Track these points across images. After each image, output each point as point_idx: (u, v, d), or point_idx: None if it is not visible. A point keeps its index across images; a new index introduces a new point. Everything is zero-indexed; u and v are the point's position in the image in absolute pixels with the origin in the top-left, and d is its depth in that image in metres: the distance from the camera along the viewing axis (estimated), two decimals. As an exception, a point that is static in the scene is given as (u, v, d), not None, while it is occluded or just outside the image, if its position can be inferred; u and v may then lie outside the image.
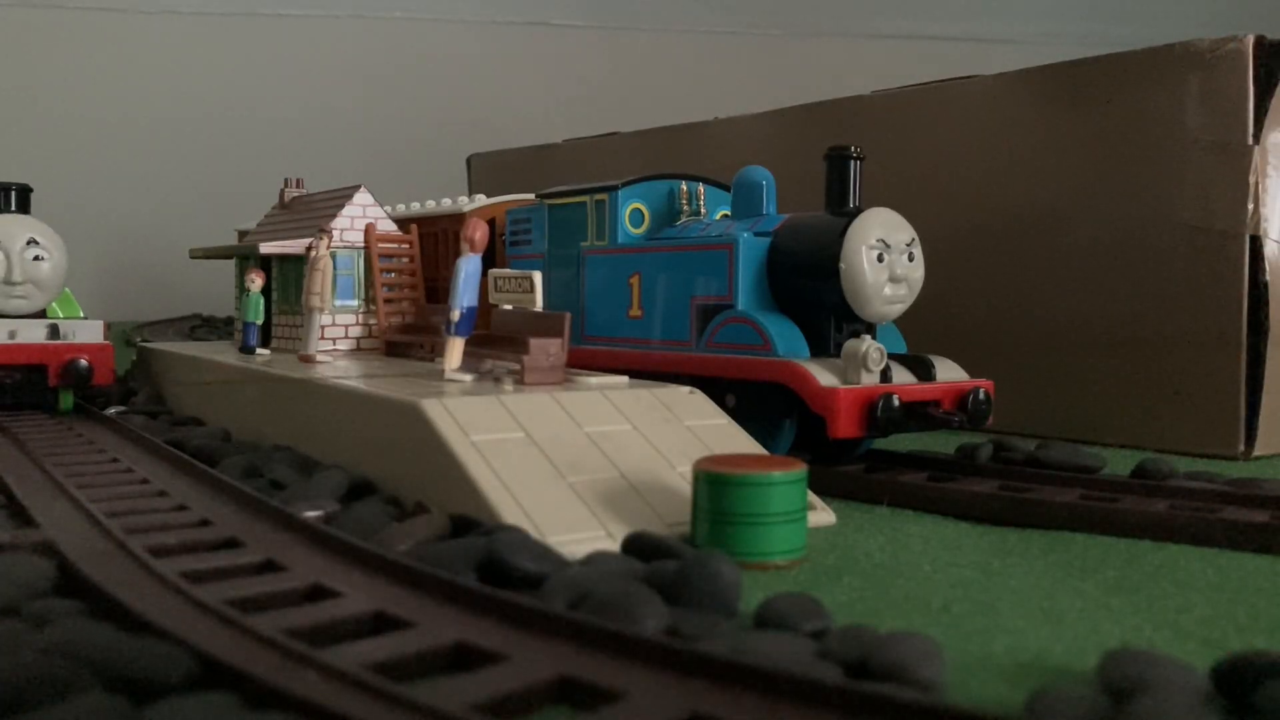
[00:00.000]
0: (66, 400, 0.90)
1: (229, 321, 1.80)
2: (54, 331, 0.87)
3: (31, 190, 0.91)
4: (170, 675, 0.32)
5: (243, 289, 1.00)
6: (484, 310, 0.77)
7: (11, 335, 0.85)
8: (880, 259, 0.71)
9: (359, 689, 0.31)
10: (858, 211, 0.73)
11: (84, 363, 0.85)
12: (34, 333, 0.86)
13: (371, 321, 0.99)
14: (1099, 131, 0.94)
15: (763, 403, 0.74)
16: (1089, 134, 0.95)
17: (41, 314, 0.89)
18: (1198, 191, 0.88)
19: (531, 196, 1.00)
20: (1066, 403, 0.96)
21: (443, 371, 0.72)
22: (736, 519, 0.51)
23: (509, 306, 0.77)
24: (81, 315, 0.93)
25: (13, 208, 0.90)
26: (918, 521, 0.62)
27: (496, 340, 0.76)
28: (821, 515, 0.60)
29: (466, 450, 0.56)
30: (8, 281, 0.86)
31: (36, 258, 0.87)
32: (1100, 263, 0.94)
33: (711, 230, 0.82)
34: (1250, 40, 0.85)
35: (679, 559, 0.45)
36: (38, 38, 1.97)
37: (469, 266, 0.73)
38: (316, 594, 0.42)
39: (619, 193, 0.87)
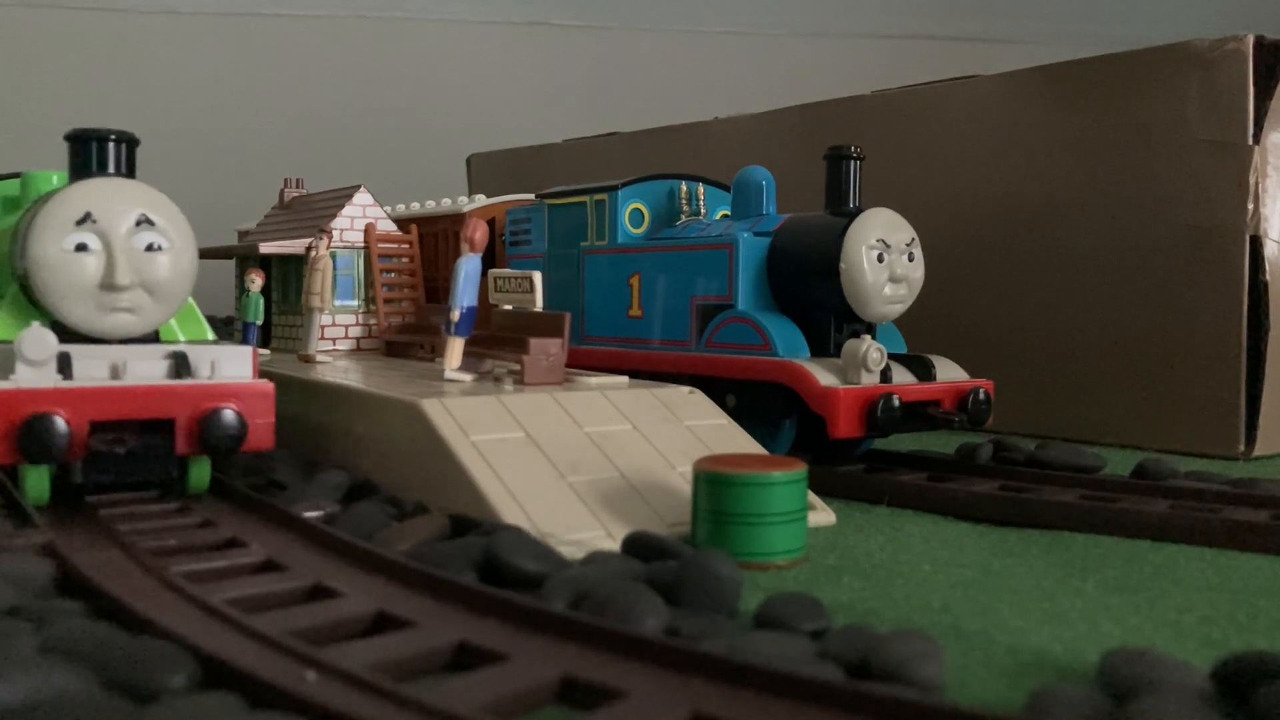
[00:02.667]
0: (200, 475, 0.57)
1: (229, 321, 1.80)
2: (181, 364, 0.55)
3: (138, 143, 0.59)
4: (171, 675, 0.32)
5: (243, 289, 1.00)
6: (484, 310, 0.77)
7: (116, 372, 0.54)
8: (880, 259, 0.71)
9: (361, 689, 0.31)
10: (858, 211, 0.73)
11: (231, 414, 0.53)
12: (150, 367, 0.54)
13: (371, 321, 0.99)
14: (1099, 131, 0.94)
15: (763, 403, 0.74)
16: (1089, 134, 0.95)
17: (154, 336, 0.58)
18: (1198, 191, 0.88)
19: (531, 196, 1.00)
20: (1066, 403, 0.96)
21: (443, 371, 0.72)
22: (736, 519, 0.51)
23: (509, 306, 0.77)
24: (212, 337, 0.62)
25: (111, 168, 0.57)
26: (918, 521, 0.62)
27: (496, 340, 0.76)
28: (821, 515, 0.60)
29: (466, 450, 0.56)
30: (109, 285, 0.54)
31: (152, 247, 0.55)
32: (1100, 262, 0.94)
33: (711, 230, 0.82)
34: (1250, 40, 0.85)
35: (679, 559, 0.45)
36: (37, 37, 1.97)
37: (469, 266, 0.73)
38: (317, 594, 0.42)
39: (619, 193, 0.87)
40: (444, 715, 0.29)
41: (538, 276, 0.74)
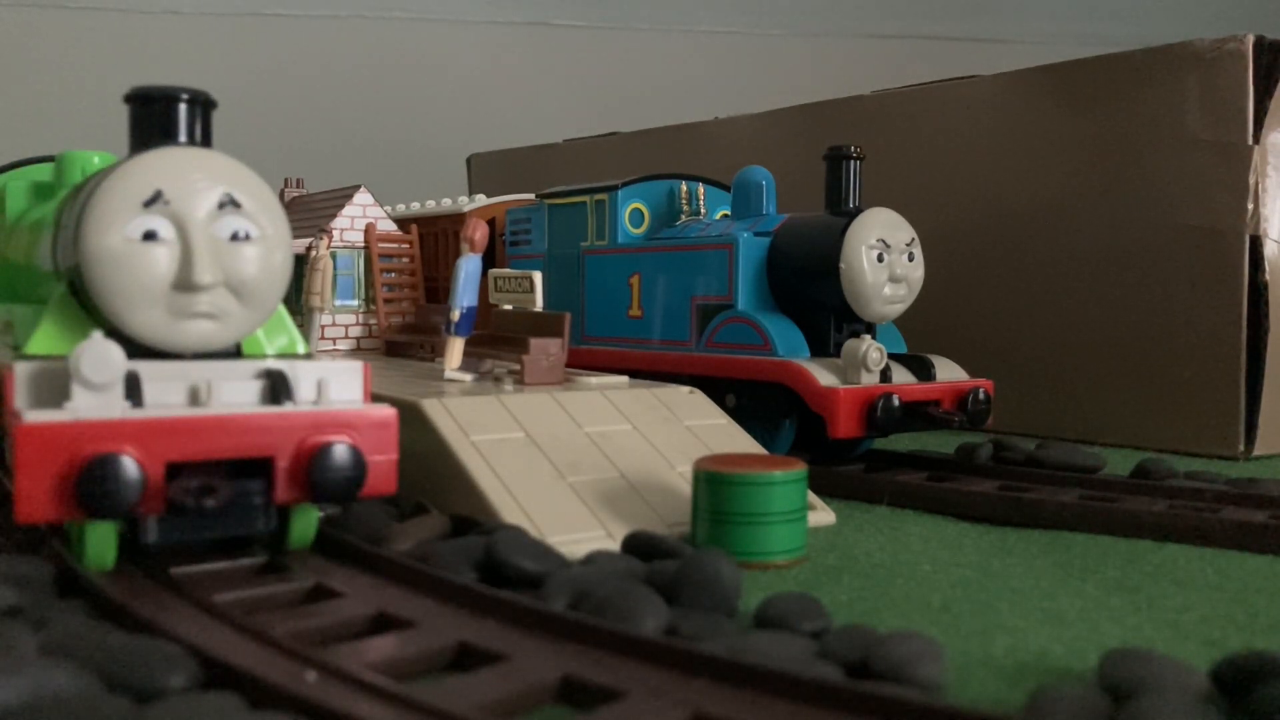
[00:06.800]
0: (304, 528, 0.46)
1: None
2: (278, 385, 0.44)
3: (215, 105, 0.48)
4: (171, 676, 0.32)
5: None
6: (484, 310, 0.77)
7: (197, 396, 0.43)
8: (880, 259, 0.71)
9: (361, 689, 0.31)
10: (857, 211, 0.73)
11: (345, 450, 0.42)
12: (239, 389, 0.44)
13: (371, 321, 0.99)
14: (1099, 131, 0.94)
15: (763, 403, 0.74)
16: (1089, 134, 0.95)
17: (236, 350, 0.47)
18: (1198, 191, 0.88)
19: (531, 196, 1.00)
20: (1066, 403, 0.96)
21: (443, 371, 0.72)
22: (736, 519, 0.51)
23: (509, 306, 0.77)
24: (304, 349, 0.50)
25: (182, 136, 0.46)
26: (918, 521, 0.62)
27: (496, 340, 0.76)
28: (821, 515, 0.60)
29: (466, 450, 0.56)
30: (185, 285, 0.42)
31: (237, 235, 0.44)
32: (1100, 262, 0.94)
33: (711, 230, 0.82)
34: (1250, 40, 0.85)
35: (679, 559, 0.45)
36: (38, 38, 1.97)
37: (469, 266, 0.73)
38: (318, 595, 0.42)
39: (619, 193, 0.87)
40: (444, 715, 0.29)
41: (538, 276, 0.74)
